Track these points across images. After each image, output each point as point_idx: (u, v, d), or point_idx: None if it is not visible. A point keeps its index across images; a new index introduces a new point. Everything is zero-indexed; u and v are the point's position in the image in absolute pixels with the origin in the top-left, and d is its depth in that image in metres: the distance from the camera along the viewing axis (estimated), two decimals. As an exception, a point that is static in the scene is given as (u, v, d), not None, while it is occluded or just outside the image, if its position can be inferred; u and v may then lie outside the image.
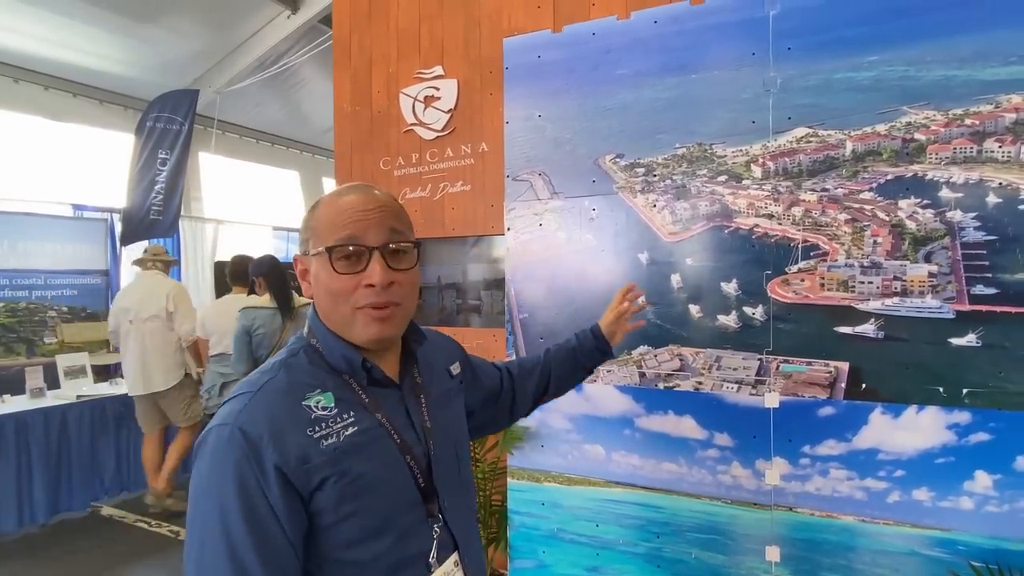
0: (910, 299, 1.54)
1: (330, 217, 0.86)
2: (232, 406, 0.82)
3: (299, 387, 0.84)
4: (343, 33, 2.77)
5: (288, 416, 0.81)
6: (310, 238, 0.89)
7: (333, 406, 0.84)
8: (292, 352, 0.90)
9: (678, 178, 1.80)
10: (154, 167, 6.26)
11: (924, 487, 1.54)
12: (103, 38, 5.54)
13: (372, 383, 0.90)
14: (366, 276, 0.84)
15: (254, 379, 0.85)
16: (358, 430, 0.84)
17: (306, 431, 0.80)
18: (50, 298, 5.53)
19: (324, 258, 0.85)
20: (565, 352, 1.36)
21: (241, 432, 0.77)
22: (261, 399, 0.81)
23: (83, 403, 3.85)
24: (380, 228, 0.86)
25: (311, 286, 0.90)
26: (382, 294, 0.84)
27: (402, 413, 0.92)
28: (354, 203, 0.87)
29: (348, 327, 0.87)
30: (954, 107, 1.50)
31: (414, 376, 0.98)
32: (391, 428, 0.88)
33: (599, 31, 1.90)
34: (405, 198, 2.60)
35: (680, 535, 1.80)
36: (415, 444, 0.90)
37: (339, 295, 0.85)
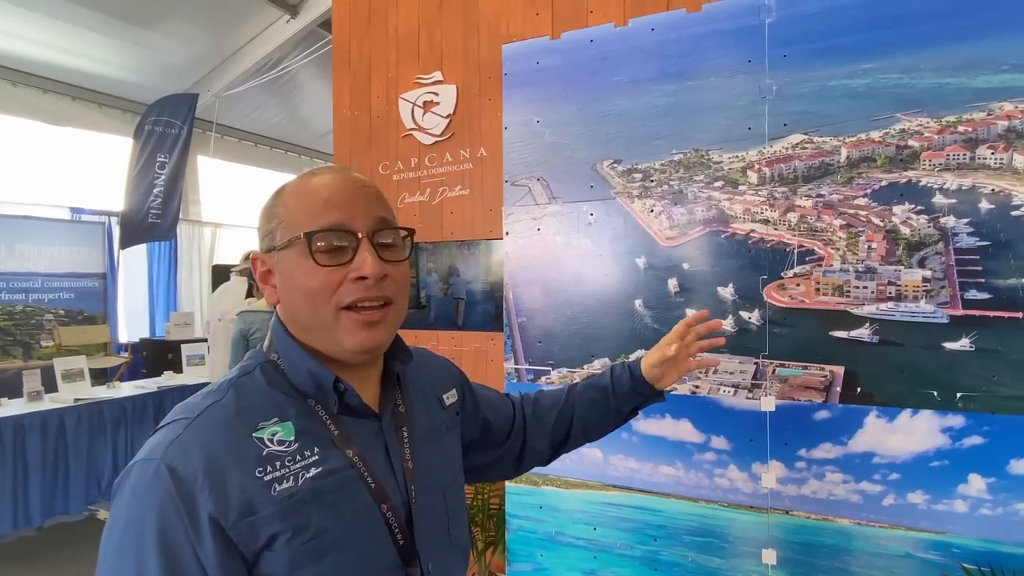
0: (904, 304, 1.56)
1: (306, 200, 0.72)
2: (161, 436, 0.65)
3: (250, 414, 0.68)
4: (342, 38, 2.79)
5: (232, 451, 0.64)
6: (276, 228, 0.73)
7: (292, 439, 0.68)
8: (245, 369, 0.73)
9: (675, 183, 1.81)
10: (152, 170, 6.28)
11: (919, 490, 1.55)
12: (102, 42, 5.57)
13: (344, 411, 0.73)
14: (355, 267, 0.70)
15: (194, 402, 0.69)
16: (322, 471, 0.68)
17: (254, 472, 0.64)
18: (47, 301, 5.54)
19: (300, 248, 0.70)
20: (595, 392, 1.10)
21: (169, 470, 0.61)
22: (199, 428, 0.65)
23: (80, 406, 3.85)
24: (368, 213, 0.72)
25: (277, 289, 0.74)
26: (373, 288, 0.70)
27: (380, 450, 0.75)
28: (335, 183, 0.73)
29: (329, 335, 0.71)
30: (947, 114, 1.52)
31: (396, 403, 0.81)
32: (365, 469, 0.71)
33: (597, 38, 1.92)
34: (404, 202, 2.61)
35: (677, 538, 1.81)
36: (393, 491, 0.73)
37: (320, 293, 0.69)
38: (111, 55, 5.81)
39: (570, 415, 1.09)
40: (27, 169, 5.81)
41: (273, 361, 0.74)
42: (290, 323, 0.75)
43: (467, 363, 2.48)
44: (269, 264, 0.75)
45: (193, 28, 5.81)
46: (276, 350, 0.75)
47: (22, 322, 5.34)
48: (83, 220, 6.11)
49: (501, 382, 2.17)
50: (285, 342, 0.74)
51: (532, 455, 1.09)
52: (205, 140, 7.22)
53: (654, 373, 1.07)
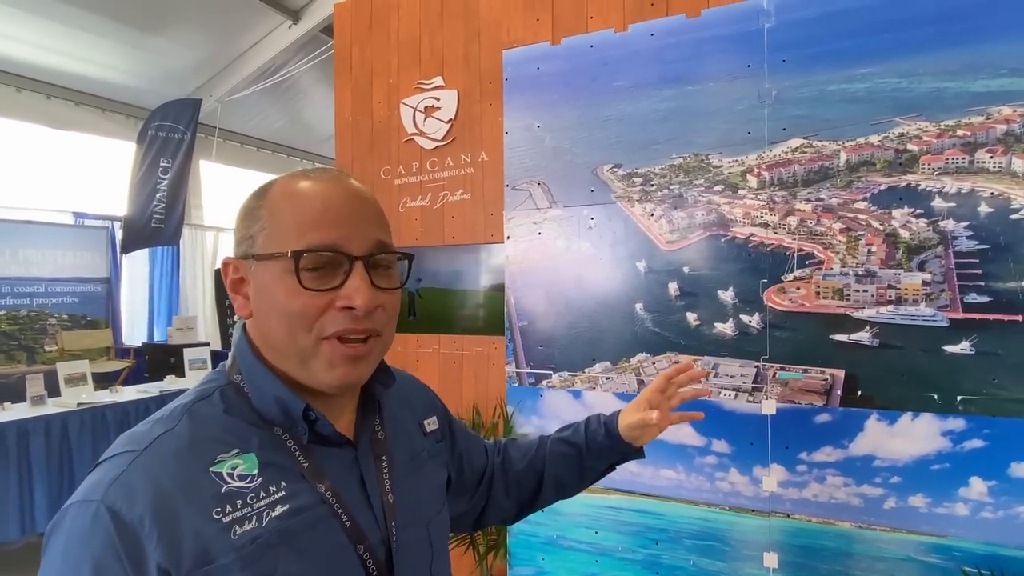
0: (904, 307, 1.56)
1: (297, 209, 0.63)
2: (102, 473, 0.56)
3: (207, 445, 0.60)
4: (344, 44, 2.80)
5: (185, 490, 0.56)
6: (258, 234, 0.64)
7: (255, 473, 0.60)
8: (203, 393, 0.65)
9: (675, 188, 1.82)
10: (156, 175, 6.31)
11: (920, 493, 1.55)
12: (106, 47, 5.60)
13: (315, 440, 0.65)
14: (343, 295, 0.61)
15: (142, 431, 0.60)
16: (290, 509, 0.60)
17: (211, 513, 0.56)
18: (51, 306, 5.57)
19: (285, 266, 0.61)
20: (567, 446, 1.00)
21: (111, 514, 0.53)
22: (146, 463, 0.56)
23: (83, 410, 3.86)
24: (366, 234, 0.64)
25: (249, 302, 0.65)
26: (362, 320, 0.62)
27: (355, 482, 0.67)
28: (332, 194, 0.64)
29: (304, 363, 0.63)
30: (946, 118, 1.53)
31: (375, 430, 0.73)
32: (338, 505, 0.64)
33: (597, 43, 1.93)
34: (406, 207, 2.62)
35: (678, 541, 1.81)
36: (371, 528, 0.66)
37: (301, 318, 0.61)
38: (114, 60, 5.84)
39: (540, 469, 0.98)
40: (31, 174, 5.84)
41: (235, 383, 0.66)
42: (260, 342, 0.66)
43: (468, 367, 2.49)
44: (243, 272, 0.66)
45: (196, 33, 5.85)
46: (240, 370, 0.66)
47: (26, 326, 5.37)
48: (86, 225, 6.14)
49: (503, 386, 2.18)
50: (250, 363, 0.66)
51: (495, 510, 0.98)
52: (208, 145, 7.26)
53: (632, 434, 0.98)
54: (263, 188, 0.67)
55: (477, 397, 2.43)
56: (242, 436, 0.62)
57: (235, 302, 0.67)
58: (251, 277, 0.65)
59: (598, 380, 1.91)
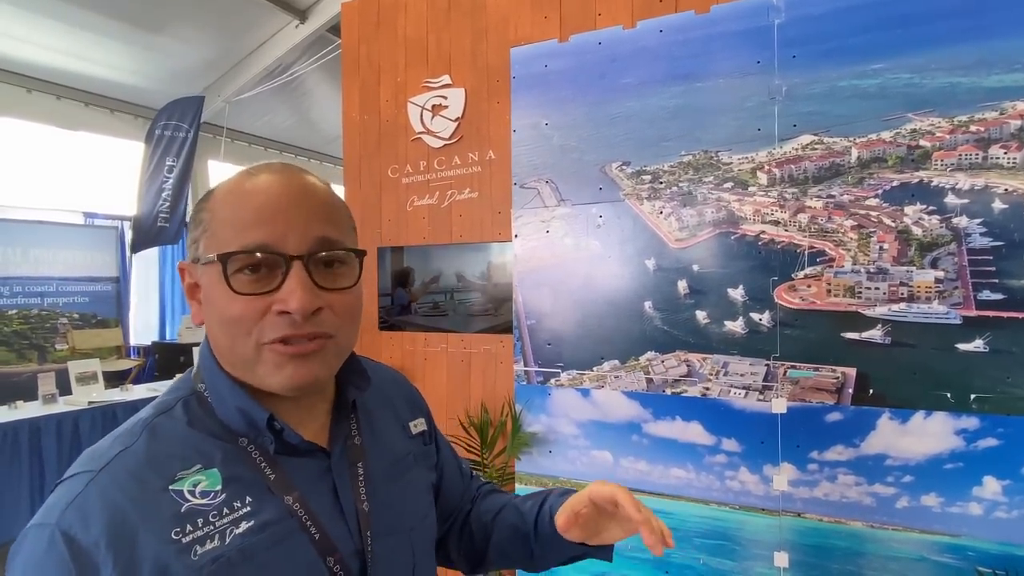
0: (917, 305, 1.55)
1: (234, 209, 0.59)
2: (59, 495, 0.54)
3: (165, 462, 0.57)
4: (352, 43, 2.80)
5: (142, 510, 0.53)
6: (200, 238, 0.61)
7: (219, 489, 0.57)
8: (164, 406, 0.62)
9: (684, 185, 1.81)
10: (162, 174, 6.35)
11: (932, 492, 1.54)
12: (114, 48, 5.63)
13: (283, 450, 0.62)
14: (279, 298, 0.57)
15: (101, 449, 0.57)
16: (255, 525, 0.57)
17: (170, 534, 0.53)
18: (62, 305, 5.61)
19: (217, 270, 0.57)
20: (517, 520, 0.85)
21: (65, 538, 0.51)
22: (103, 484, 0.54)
23: (94, 409, 3.89)
24: (304, 230, 0.59)
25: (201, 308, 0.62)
26: (303, 325, 0.58)
27: (327, 492, 0.64)
28: (270, 190, 0.60)
29: (251, 370, 0.60)
30: (959, 114, 1.51)
31: (351, 436, 0.69)
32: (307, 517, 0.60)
33: (605, 40, 1.92)
34: (413, 205, 2.62)
35: (688, 540, 1.80)
36: (343, 539, 0.62)
37: (238, 324, 0.58)
38: (123, 61, 5.87)
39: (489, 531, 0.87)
40: (41, 174, 5.89)
41: (199, 393, 0.63)
42: (215, 350, 0.63)
43: (476, 365, 2.49)
44: (195, 277, 0.62)
45: (203, 33, 5.87)
46: (203, 379, 0.63)
47: (37, 325, 5.41)
48: (96, 225, 6.18)
49: (511, 384, 2.18)
50: (212, 371, 0.62)
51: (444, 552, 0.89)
52: (216, 145, 7.29)
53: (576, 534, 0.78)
54: (211, 190, 0.64)
55: (485, 396, 2.43)
56: (204, 451, 0.59)
57: (191, 308, 0.64)
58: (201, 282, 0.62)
59: (607, 378, 1.91)
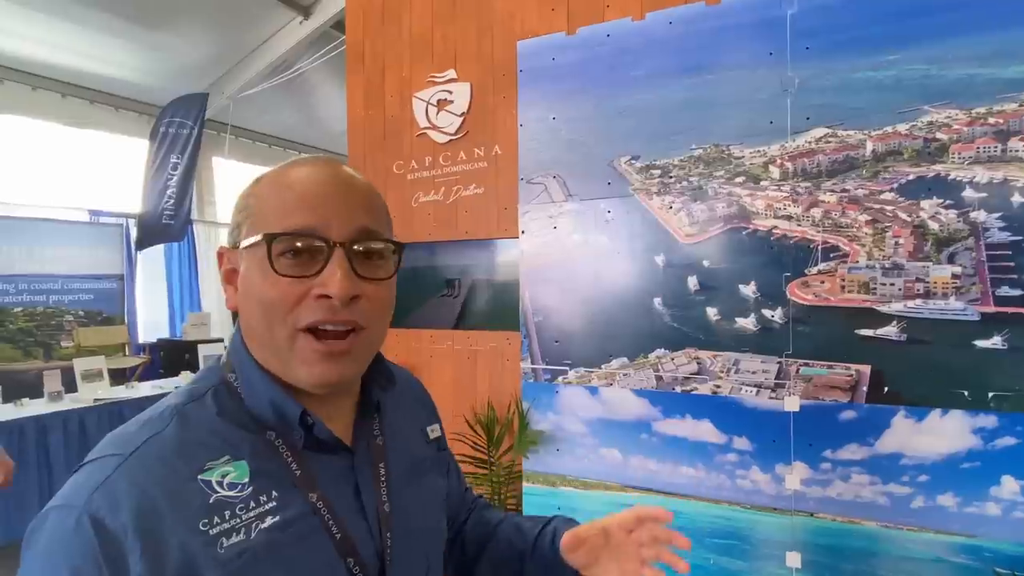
0: (933, 301, 1.52)
1: (280, 195, 0.60)
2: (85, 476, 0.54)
3: (196, 450, 0.56)
4: (356, 38, 2.78)
5: (171, 498, 0.53)
6: (243, 223, 0.61)
7: (246, 481, 0.57)
8: (194, 393, 0.61)
9: (695, 179, 1.78)
10: (166, 171, 6.34)
11: (949, 492, 1.51)
12: (118, 46, 5.62)
13: (310, 445, 0.62)
14: (320, 282, 0.57)
15: (129, 433, 0.57)
16: (279, 521, 0.57)
17: (198, 524, 0.53)
18: (67, 302, 5.61)
19: (260, 251, 0.58)
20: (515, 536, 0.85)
21: (93, 522, 0.50)
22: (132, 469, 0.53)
23: (100, 406, 3.89)
24: (348, 218, 0.60)
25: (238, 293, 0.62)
26: (340, 311, 0.58)
27: (350, 491, 0.64)
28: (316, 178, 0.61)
29: (282, 359, 0.60)
30: (977, 105, 1.48)
31: (373, 436, 0.69)
32: (329, 516, 0.60)
33: (614, 32, 1.89)
34: (419, 201, 2.60)
35: (699, 540, 1.78)
36: (364, 540, 0.62)
37: (275, 307, 0.58)
38: (127, 58, 5.86)
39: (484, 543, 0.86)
40: (47, 172, 5.88)
41: (229, 383, 0.62)
42: (248, 337, 0.63)
43: (482, 363, 2.46)
44: (234, 262, 0.63)
45: (207, 30, 5.85)
46: (234, 368, 0.63)
47: (43, 323, 5.41)
48: (101, 222, 6.18)
49: (518, 382, 2.15)
50: (244, 362, 0.62)
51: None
52: (220, 141, 7.28)
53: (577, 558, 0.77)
54: (257, 177, 0.65)
55: (492, 394, 2.41)
56: (234, 441, 0.58)
57: (225, 292, 0.64)
58: (239, 267, 0.62)
59: (615, 376, 1.88)
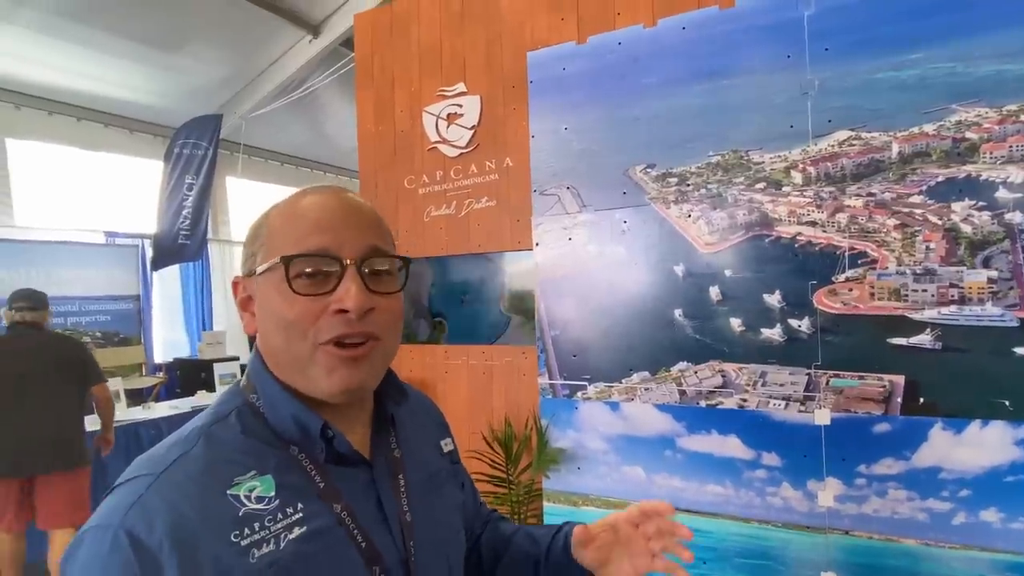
0: (969, 307, 1.45)
1: (292, 222, 0.65)
2: (119, 497, 0.57)
3: (224, 468, 0.59)
4: (365, 53, 2.77)
5: (203, 513, 0.56)
6: (258, 251, 0.66)
7: (273, 495, 0.60)
8: (219, 415, 0.65)
9: (713, 187, 1.74)
10: (181, 192, 6.39)
11: (992, 507, 1.44)
12: (132, 69, 5.70)
13: (332, 459, 0.65)
14: (336, 299, 0.62)
15: (158, 455, 0.60)
16: (307, 532, 0.60)
17: (230, 536, 0.56)
18: (84, 324, 5.64)
19: (278, 274, 0.62)
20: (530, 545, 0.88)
21: (130, 538, 0.53)
22: (164, 487, 0.56)
23: (117, 428, 3.88)
24: (358, 239, 0.65)
25: (255, 318, 0.67)
26: (356, 324, 0.62)
27: (372, 502, 0.67)
28: (325, 204, 0.66)
29: (304, 372, 0.63)
30: (1008, 103, 1.42)
31: (390, 448, 0.73)
32: (355, 526, 0.63)
33: (625, 40, 1.86)
34: (430, 216, 2.57)
35: (727, 560, 1.71)
36: (388, 549, 0.65)
37: (295, 325, 0.62)
38: (140, 81, 5.94)
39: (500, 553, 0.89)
40: (63, 195, 5.96)
41: (252, 403, 0.66)
42: (268, 358, 0.67)
43: (498, 379, 2.42)
44: (249, 290, 0.68)
45: (218, 51, 5.92)
46: (255, 390, 0.67)
47: (61, 345, 5.44)
48: (117, 244, 6.24)
49: (535, 398, 2.10)
50: (265, 381, 0.66)
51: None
52: (233, 161, 7.34)
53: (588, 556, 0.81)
54: (267, 209, 0.70)
55: (509, 410, 2.36)
56: (259, 457, 0.62)
57: (243, 319, 0.69)
58: (255, 294, 0.67)
59: (636, 391, 1.83)
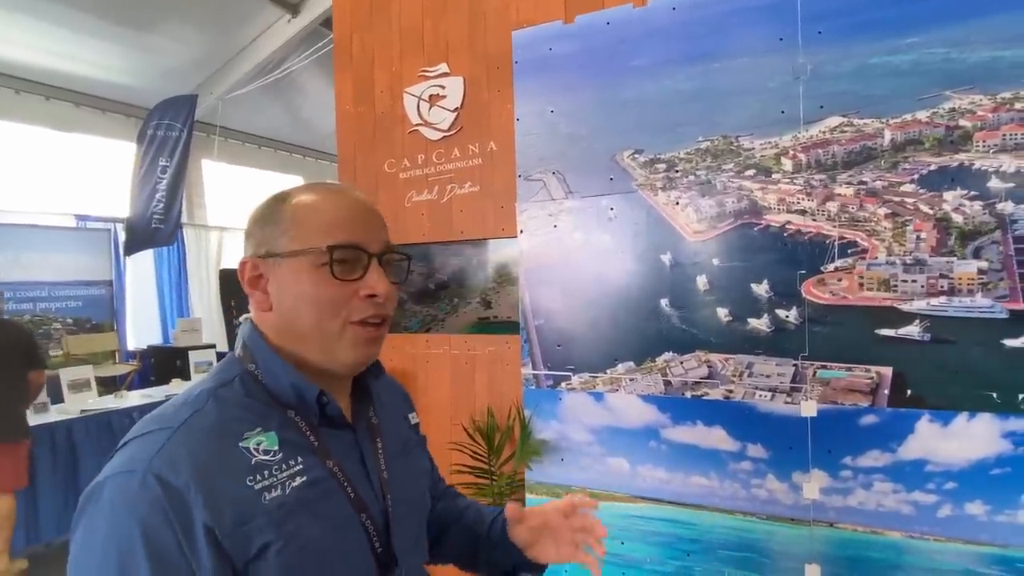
0: (958, 298, 1.43)
1: (323, 214, 0.73)
2: (140, 447, 0.63)
3: (234, 424, 0.68)
4: (344, 32, 2.68)
5: (221, 460, 0.64)
6: (282, 236, 0.72)
7: (277, 449, 0.68)
8: (223, 381, 0.72)
9: (702, 173, 1.69)
10: (155, 175, 6.21)
11: (978, 500, 1.43)
12: (104, 48, 5.50)
13: (323, 422, 0.74)
14: (367, 285, 0.72)
15: (170, 413, 0.67)
16: (307, 481, 0.68)
17: (245, 480, 0.64)
18: (55, 310, 5.49)
19: (314, 260, 0.71)
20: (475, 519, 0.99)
21: (158, 480, 0.59)
22: (183, 438, 0.64)
23: (88, 417, 3.79)
24: (379, 235, 0.76)
25: (268, 296, 0.73)
26: (383, 306, 0.74)
27: (356, 460, 0.77)
28: (353, 204, 0.75)
29: (328, 346, 0.73)
30: (1002, 90, 1.40)
31: (369, 416, 0.83)
32: (344, 479, 0.73)
33: (614, 20, 1.80)
34: (412, 201, 2.50)
35: (712, 553, 1.69)
36: (371, 500, 0.75)
37: (330, 306, 0.71)
38: (113, 60, 5.74)
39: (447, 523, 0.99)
40: (32, 177, 5.75)
41: (251, 372, 0.74)
42: (278, 332, 0.74)
43: (481, 368, 2.37)
44: (263, 270, 0.74)
45: (194, 30, 5.73)
46: (254, 360, 0.74)
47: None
48: (88, 227, 6.05)
49: (518, 388, 2.06)
50: (265, 353, 0.74)
51: None
52: (209, 143, 7.16)
53: (520, 535, 0.93)
54: (283, 195, 0.76)
55: (491, 400, 2.32)
56: (262, 416, 0.70)
57: (253, 298, 0.75)
58: (271, 274, 0.73)
59: (621, 381, 1.79)
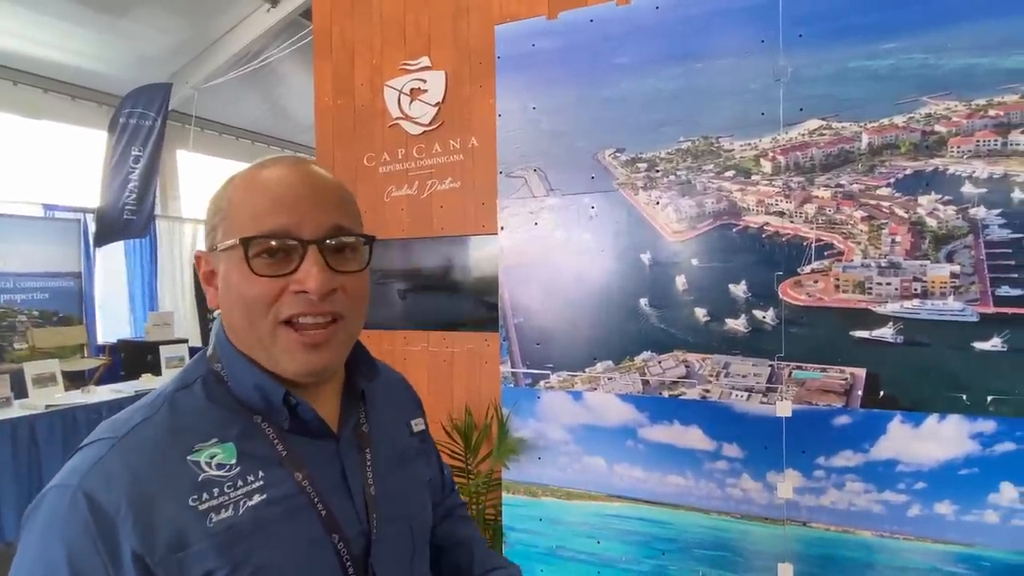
0: (931, 301, 1.46)
1: (252, 197, 0.63)
2: (80, 459, 0.58)
3: (186, 434, 0.60)
4: (324, 23, 2.63)
5: (163, 477, 0.57)
6: (218, 226, 0.64)
7: (234, 463, 0.60)
8: (185, 382, 0.65)
9: (682, 173, 1.70)
10: (127, 165, 6.06)
11: (946, 500, 1.46)
12: (75, 32, 5.35)
13: (296, 429, 0.66)
14: (297, 279, 0.61)
15: (122, 419, 0.61)
16: (267, 499, 0.60)
17: (187, 500, 0.57)
18: (20, 302, 5.33)
19: (237, 253, 0.61)
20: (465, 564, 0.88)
21: (87, 499, 0.54)
22: (125, 450, 0.57)
23: (53, 413, 3.67)
24: (319, 217, 0.63)
25: (219, 292, 0.66)
26: (319, 304, 0.62)
27: (336, 473, 0.67)
28: (287, 180, 0.64)
29: (267, 351, 0.63)
30: (977, 97, 1.42)
31: (359, 423, 0.73)
32: (316, 495, 0.63)
33: (597, 17, 1.79)
34: (391, 196, 2.47)
35: (687, 552, 1.70)
36: (350, 519, 0.66)
37: (256, 304, 0.61)
38: (84, 45, 5.59)
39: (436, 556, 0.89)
40: (-2, 164, 5.58)
41: (216, 372, 0.67)
42: (232, 332, 0.66)
43: (459, 366, 2.35)
44: (212, 264, 0.67)
45: (170, 17, 5.61)
46: (219, 359, 0.67)
47: (-6, 324, 5.13)
48: (57, 217, 5.89)
49: (497, 386, 2.05)
50: (228, 351, 0.66)
51: None
52: (184, 134, 7.01)
53: None
54: (228, 179, 0.68)
55: (469, 398, 2.31)
56: (221, 425, 0.63)
57: (207, 293, 0.68)
58: (218, 269, 0.65)
59: (600, 380, 1.79)
